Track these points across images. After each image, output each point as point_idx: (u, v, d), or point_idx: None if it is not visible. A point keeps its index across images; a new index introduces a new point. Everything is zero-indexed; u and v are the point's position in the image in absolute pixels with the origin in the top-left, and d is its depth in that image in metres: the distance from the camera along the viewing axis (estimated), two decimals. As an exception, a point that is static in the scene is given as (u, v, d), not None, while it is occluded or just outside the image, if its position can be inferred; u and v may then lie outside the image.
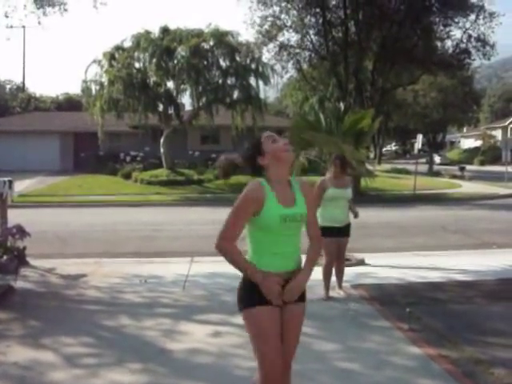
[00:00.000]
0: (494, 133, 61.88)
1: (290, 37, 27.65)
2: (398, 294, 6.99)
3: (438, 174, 37.98)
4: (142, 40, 25.30)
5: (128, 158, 31.28)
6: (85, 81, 26.84)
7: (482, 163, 55.09)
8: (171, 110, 27.03)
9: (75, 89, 55.90)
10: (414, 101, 50.33)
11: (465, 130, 75.36)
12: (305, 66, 29.30)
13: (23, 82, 54.61)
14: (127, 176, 27.44)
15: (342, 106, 11.20)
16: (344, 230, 6.92)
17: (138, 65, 26.05)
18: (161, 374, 4.46)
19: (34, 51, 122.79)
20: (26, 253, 8.60)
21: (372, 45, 26.27)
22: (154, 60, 24.80)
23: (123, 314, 6.12)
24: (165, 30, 25.88)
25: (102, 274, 8.20)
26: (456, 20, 26.23)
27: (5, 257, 7.97)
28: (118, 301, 6.74)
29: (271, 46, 27.31)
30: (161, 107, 26.81)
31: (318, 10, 25.63)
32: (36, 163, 32.38)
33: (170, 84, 26.51)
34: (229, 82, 26.35)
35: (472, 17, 26.25)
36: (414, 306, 6.06)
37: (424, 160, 46.58)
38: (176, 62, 24.99)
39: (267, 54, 27.80)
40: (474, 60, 28.12)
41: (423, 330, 5.53)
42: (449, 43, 27.67)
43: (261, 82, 26.53)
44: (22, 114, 42.03)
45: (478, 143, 63.09)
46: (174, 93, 26.57)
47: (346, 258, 7.86)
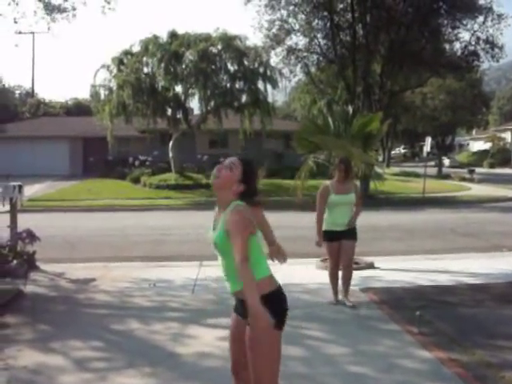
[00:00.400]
0: (503, 135, 61.52)
1: (298, 40, 27.67)
2: (408, 297, 6.95)
3: (447, 176, 37.86)
4: (151, 45, 25.39)
5: (137, 163, 31.36)
6: (94, 86, 26.97)
7: (492, 166, 54.83)
8: (180, 115, 27.09)
9: (84, 94, 56.04)
10: (423, 103, 50.18)
11: (474, 132, 75.04)
12: (313, 70, 29.29)
13: (32, 88, 54.89)
14: (136, 180, 27.52)
15: (351, 109, 11.22)
16: (347, 233, 6.70)
17: (146, 69, 26.13)
18: (170, 378, 4.46)
19: (43, 57, 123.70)
20: (36, 257, 8.66)
21: (380, 48, 26.22)
22: (163, 64, 24.89)
23: (132, 318, 6.13)
24: (173, 35, 25.95)
25: (111, 278, 8.22)
26: (464, 22, 26.15)
27: (15, 261, 8.02)
28: (127, 305, 6.75)
29: (279, 49, 27.32)
30: (169, 111, 26.88)
31: (325, 13, 25.63)
32: (45, 168, 32.51)
33: (179, 88, 26.60)
34: (237, 85, 26.38)
35: (480, 19, 26.18)
36: (423, 310, 6.03)
37: (433, 163, 46.44)
38: (184, 66, 25.05)
39: (275, 58, 27.84)
40: (483, 62, 27.98)
41: (433, 334, 5.50)
42: (457, 45, 27.59)
43: (269, 86, 26.57)
44: (32, 120, 42.24)
45: (487, 146, 62.77)
46: (183, 97, 26.64)
47: (354, 261, 7.82)
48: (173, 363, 4.76)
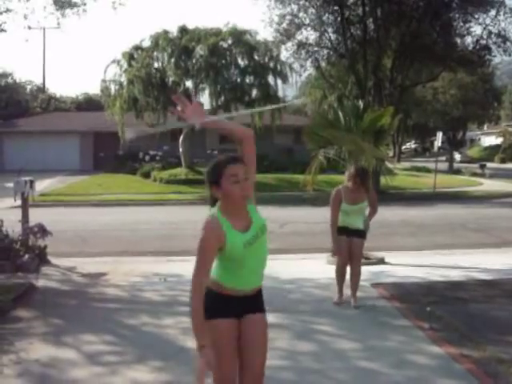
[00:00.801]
0: (515, 130, 61.11)
1: (309, 35, 27.45)
2: (419, 292, 6.93)
3: (458, 171, 37.69)
4: (161, 40, 25.40)
5: (147, 158, 31.42)
6: (104, 81, 27.04)
7: (503, 161, 54.52)
8: (190, 110, 27.05)
9: (95, 89, 56.16)
10: (434, 98, 49.80)
11: (485, 127, 74.49)
12: (323, 64, 29.11)
13: (43, 83, 55.05)
14: (146, 175, 27.58)
15: (361, 103, 11.12)
16: (357, 231, 6.62)
17: (156, 64, 26.15)
18: (180, 373, 4.47)
19: (53, 52, 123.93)
20: (47, 251, 8.73)
21: (391, 42, 26.03)
22: (173, 59, 24.90)
23: (143, 313, 6.15)
24: (183, 30, 25.93)
25: (121, 272, 8.25)
26: (476, 16, 25.88)
27: (26, 255, 8.09)
28: (137, 299, 6.78)
29: (289, 44, 27.14)
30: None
31: (336, 7, 25.47)
32: (56, 163, 32.69)
33: (189, 83, 26.56)
34: (247, 80, 26.35)
35: (492, 12, 25.88)
36: (434, 305, 6.01)
37: (444, 158, 46.21)
38: (194, 61, 25.04)
39: (285, 53, 27.68)
40: (495, 56, 27.68)
41: (444, 329, 5.48)
42: (469, 39, 27.29)
43: (279, 81, 26.52)
44: (43, 115, 42.40)
45: (498, 141, 62.35)
46: (193, 92, 26.63)
47: (365, 256, 7.80)
48: (183, 357, 4.76)
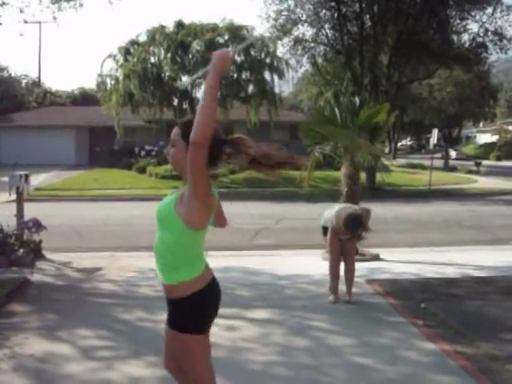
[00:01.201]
0: (510, 128, 61.12)
1: (305, 31, 27.42)
2: (413, 289, 6.95)
3: (453, 169, 37.73)
4: (157, 34, 25.37)
5: (143, 153, 31.37)
6: (100, 75, 27.01)
7: (499, 158, 54.60)
8: (186, 105, 27.07)
9: (91, 83, 55.97)
10: (430, 95, 49.85)
11: (481, 124, 74.63)
12: (320, 61, 29.09)
13: (39, 77, 54.79)
14: (142, 170, 27.53)
15: (358, 100, 11.09)
16: None
17: (153, 59, 26.12)
18: (175, 368, 4.46)
19: (49, 46, 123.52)
20: (42, 246, 8.71)
21: (388, 39, 26.02)
22: (169, 54, 24.88)
23: (138, 308, 6.15)
24: (179, 25, 25.89)
25: (117, 267, 8.24)
26: (472, 13, 25.90)
27: (21, 250, 8.07)
28: (133, 294, 6.78)
29: (286, 40, 27.14)
30: (175, 101, 26.87)
31: (333, 3, 25.43)
32: (51, 157, 32.59)
33: (185, 78, 26.54)
34: (243, 76, 26.34)
35: (489, 10, 25.91)
36: (429, 302, 6.02)
37: (439, 155, 46.26)
38: (191, 56, 25.02)
39: (282, 49, 27.70)
40: (491, 54, 27.74)
41: (438, 326, 5.50)
42: (465, 37, 27.33)
43: (275, 77, 26.55)
44: (38, 109, 42.27)
45: (494, 138, 62.43)
46: (189, 87, 26.61)
47: (360, 253, 7.82)
48: (178, 353, 4.76)
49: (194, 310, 2.73)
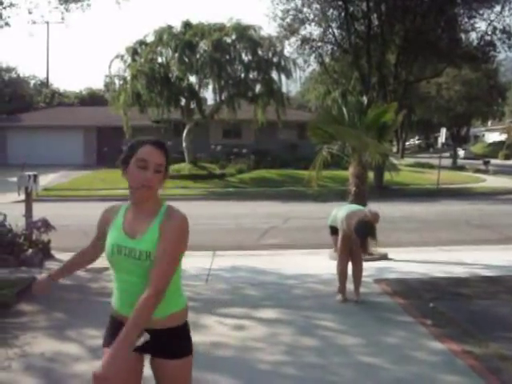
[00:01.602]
0: (519, 126, 60.88)
1: (312, 30, 27.44)
2: (422, 288, 6.93)
3: (461, 168, 37.60)
4: (165, 35, 25.38)
5: (150, 153, 31.35)
6: (108, 76, 27.08)
7: (507, 157, 54.33)
8: (193, 105, 27.09)
9: (98, 84, 56.16)
10: (438, 94, 49.64)
11: (489, 123, 74.24)
12: (327, 60, 29.08)
13: (47, 78, 55.05)
14: (150, 170, 27.54)
15: (365, 99, 11.09)
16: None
17: (160, 59, 26.15)
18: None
19: (57, 47, 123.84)
20: (51, 246, 8.75)
21: (395, 37, 25.97)
22: (177, 54, 24.89)
23: (146, 307, 6.15)
24: (187, 25, 25.91)
25: (125, 267, 8.24)
26: (481, 12, 25.80)
27: (30, 250, 8.12)
28: (140, 294, 6.78)
29: (293, 39, 27.14)
30: (183, 101, 26.89)
31: (340, 2, 25.41)
32: (60, 158, 32.69)
33: (193, 78, 26.58)
34: (251, 76, 26.31)
35: (497, 8, 25.79)
36: (437, 301, 6.01)
37: (448, 154, 46.11)
38: (198, 56, 25.02)
39: (289, 48, 27.72)
40: (499, 52, 27.64)
41: (447, 326, 5.48)
42: (473, 35, 27.25)
43: (283, 76, 26.46)
44: (46, 109, 42.41)
45: (502, 137, 62.12)
46: (197, 87, 26.64)
47: (368, 252, 7.79)
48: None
49: (188, 328, 2.79)
